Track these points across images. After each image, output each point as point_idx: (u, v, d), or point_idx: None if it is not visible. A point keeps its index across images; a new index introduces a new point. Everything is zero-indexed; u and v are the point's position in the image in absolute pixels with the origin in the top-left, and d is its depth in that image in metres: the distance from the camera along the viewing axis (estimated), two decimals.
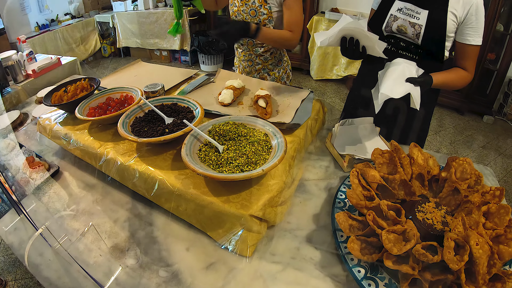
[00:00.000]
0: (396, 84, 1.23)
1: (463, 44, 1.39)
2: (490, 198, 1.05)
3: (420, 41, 1.43)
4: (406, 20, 1.42)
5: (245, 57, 2.02)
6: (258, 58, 1.97)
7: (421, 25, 1.39)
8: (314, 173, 1.36)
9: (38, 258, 1.07)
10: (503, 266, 0.95)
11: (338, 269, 1.00)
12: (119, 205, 1.24)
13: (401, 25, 1.44)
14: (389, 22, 1.48)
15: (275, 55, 1.97)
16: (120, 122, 1.26)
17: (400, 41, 1.50)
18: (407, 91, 1.21)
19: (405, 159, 1.16)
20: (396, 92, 1.20)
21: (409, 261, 0.88)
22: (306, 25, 4.83)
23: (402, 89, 1.21)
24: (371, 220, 0.94)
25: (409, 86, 1.23)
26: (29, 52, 2.47)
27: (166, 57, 5.92)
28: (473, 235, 0.83)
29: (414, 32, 1.42)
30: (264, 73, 2.02)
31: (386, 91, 1.20)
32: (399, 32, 1.47)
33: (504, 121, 4.17)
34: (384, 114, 1.60)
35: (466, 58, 1.41)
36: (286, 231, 1.11)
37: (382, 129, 1.54)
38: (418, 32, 1.41)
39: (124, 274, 1.01)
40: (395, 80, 1.24)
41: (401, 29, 1.45)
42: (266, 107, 1.39)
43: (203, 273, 0.99)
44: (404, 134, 1.71)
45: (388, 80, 1.24)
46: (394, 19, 1.46)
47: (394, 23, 1.46)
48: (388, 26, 1.49)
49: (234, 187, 1.06)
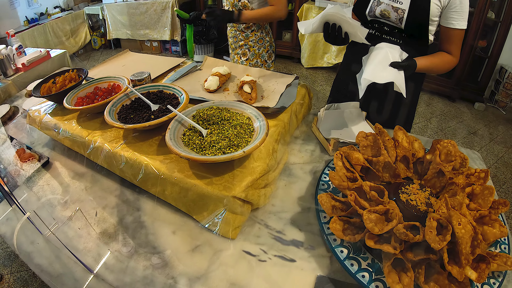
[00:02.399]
0: (379, 69, 1.24)
1: (448, 28, 1.38)
2: (475, 180, 1.06)
3: (403, 26, 1.43)
4: (389, 4, 1.42)
5: (231, 34, 2.25)
6: (241, 34, 2.18)
7: (404, 10, 1.39)
8: (299, 157, 1.37)
9: (29, 246, 1.09)
10: (489, 247, 0.96)
11: (322, 250, 1.02)
12: (108, 192, 1.26)
13: (384, 9, 1.45)
14: (372, 7, 1.49)
15: (256, 33, 2.16)
16: (106, 110, 1.27)
17: (384, 26, 1.50)
18: (391, 79, 1.21)
19: (389, 142, 1.17)
20: (379, 77, 1.21)
21: (391, 241, 0.89)
22: (297, 13, 4.81)
23: (385, 74, 1.22)
24: (353, 201, 0.95)
25: (393, 72, 1.24)
26: (18, 46, 2.46)
27: (157, 47, 5.88)
28: (456, 215, 0.84)
29: (397, 16, 1.42)
30: (245, 49, 2.21)
31: (369, 76, 1.21)
32: (382, 17, 1.47)
33: (496, 108, 4.19)
34: (371, 98, 1.62)
35: (451, 42, 1.41)
36: (271, 213, 1.13)
37: (369, 114, 1.55)
38: (401, 17, 1.41)
39: (112, 258, 1.03)
40: (377, 64, 1.25)
41: (384, 13, 1.45)
42: (251, 93, 1.40)
43: (189, 255, 1.02)
44: (390, 118, 1.71)
45: (370, 65, 1.25)
46: (377, 3, 1.46)
47: (377, 7, 1.46)
48: (371, 11, 1.49)
49: (217, 170, 1.07)
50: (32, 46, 4.34)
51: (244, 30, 2.15)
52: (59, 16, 5.42)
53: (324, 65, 4.96)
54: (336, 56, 4.79)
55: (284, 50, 5.28)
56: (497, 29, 3.89)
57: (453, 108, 4.20)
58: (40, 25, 5.02)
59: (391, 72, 1.24)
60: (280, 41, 5.30)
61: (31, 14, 5.14)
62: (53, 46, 5.05)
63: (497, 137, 3.67)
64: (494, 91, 4.21)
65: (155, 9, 5.37)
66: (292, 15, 4.94)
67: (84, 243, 1.08)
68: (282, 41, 5.30)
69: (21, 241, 1.11)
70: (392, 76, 1.22)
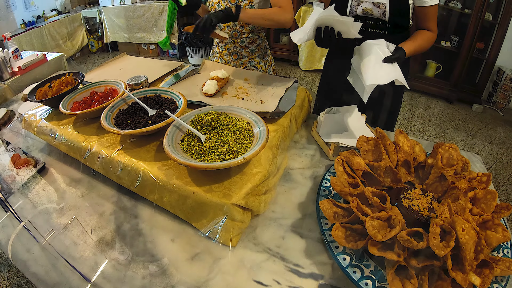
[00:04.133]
0: (377, 70, 1.24)
1: (422, 7, 1.43)
2: (477, 184, 1.04)
3: (387, 18, 1.46)
4: (370, 2, 1.45)
5: (229, 51, 1.92)
6: (244, 50, 1.89)
7: (385, 4, 1.42)
8: (299, 162, 1.36)
9: (25, 254, 1.07)
10: (491, 252, 0.95)
11: (323, 257, 1.00)
12: (104, 199, 1.23)
13: (366, 8, 1.47)
14: (352, 7, 1.50)
15: (261, 47, 1.92)
16: (103, 115, 1.25)
17: (368, 20, 1.51)
18: (393, 77, 1.22)
19: (391, 146, 1.15)
20: (381, 78, 1.21)
21: (394, 248, 0.87)
22: (294, 16, 4.81)
23: (385, 73, 1.23)
24: (355, 207, 0.94)
25: (391, 68, 1.25)
26: (14, 50, 2.43)
27: (154, 51, 5.87)
28: (459, 220, 0.82)
29: (380, 11, 1.44)
30: (250, 66, 1.94)
31: (371, 80, 1.21)
32: (364, 15, 1.49)
33: (493, 110, 4.20)
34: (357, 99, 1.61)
35: (428, 19, 1.46)
36: (271, 220, 1.11)
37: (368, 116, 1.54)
38: (384, 11, 1.44)
39: (110, 267, 1.00)
40: (374, 66, 1.25)
41: (367, 11, 1.47)
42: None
43: (188, 263, 0.99)
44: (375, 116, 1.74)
45: (368, 68, 1.25)
46: (357, 3, 1.48)
47: (358, 7, 1.48)
48: (352, 11, 1.51)
49: (217, 177, 1.06)
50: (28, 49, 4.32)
51: (248, 45, 1.88)
52: (56, 19, 5.41)
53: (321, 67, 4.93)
54: None
55: (281, 53, 5.28)
56: (495, 30, 3.91)
57: (451, 110, 4.21)
58: (37, 28, 5.01)
59: (389, 70, 1.25)
60: (277, 44, 5.30)
61: (28, 17, 5.13)
62: (50, 49, 5.03)
63: (495, 139, 3.67)
64: (492, 93, 4.22)
65: (152, 12, 5.36)
66: None
67: (80, 251, 1.06)
68: (280, 44, 5.30)
69: (17, 249, 1.09)
70: (393, 74, 1.24)
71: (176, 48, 5.66)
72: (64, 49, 5.38)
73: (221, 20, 1.49)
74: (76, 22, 5.72)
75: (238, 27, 1.79)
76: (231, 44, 1.90)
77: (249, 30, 1.81)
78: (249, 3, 1.70)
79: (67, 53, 5.41)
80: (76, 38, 5.76)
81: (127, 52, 2.40)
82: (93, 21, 5.97)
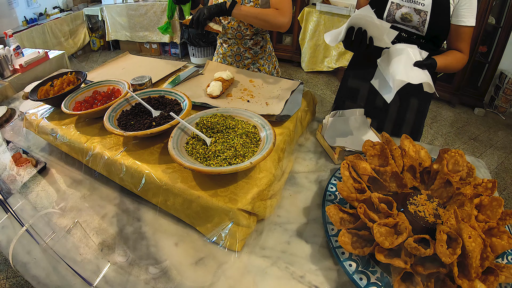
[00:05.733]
0: (408, 69, 1.20)
1: (458, 26, 1.37)
2: (483, 190, 1.04)
3: (425, 28, 1.40)
4: (411, 7, 1.38)
5: (232, 52, 1.90)
6: (248, 52, 1.87)
7: (426, 12, 1.36)
8: (304, 166, 1.34)
9: (25, 257, 1.05)
10: (496, 258, 0.94)
11: (329, 263, 0.99)
12: (106, 201, 1.22)
13: (405, 13, 1.40)
14: (391, 11, 1.43)
15: (265, 48, 1.90)
16: (106, 116, 1.23)
17: (402, 32, 1.46)
18: (424, 78, 1.17)
19: (397, 151, 1.15)
20: (412, 77, 1.16)
21: (401, 254, 0.87)
22: (297, 17, 4.80)
23: (416, 74, 1.18)
24: (363, 213, 0.93)
25: (422, 72, 1.20)
26: (16, 47, 2.42)
27: (156, 50, 5.86)
28: (466, 228, 0.82)
29: (420, 19, 1.38)
30: (254, 68, 1.92)
31: (402, 76, 1.16)
32: (402, 21, 1.43)
33: (495, 114, 4.19)
34: (379, 106, 1.59)
35: (461, 39, 1.40)
36: (276, 224, 1.10)
37: (374, 121, 1.52)
38: (424, 19, 1.38)
39: (112, 271, 0.99)
40: (406, 65, 1.20)
41: (406, 17, 1.41)
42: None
43: (192, 268, 0.98)
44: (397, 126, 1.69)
45: (398, 67, 1.20)
46: (397, 7, 1.41)
47: (397, 11, 1.42)
48: (390, 15, 1.44)
49: (222, 181, 1.04)
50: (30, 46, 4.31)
51: (252, 47, 1.86)
52: (58, 16, 5.39)
53: (324, 69, 4.95)
54: (337, 61, 4.78)
55: (284, 54, 5.27)
56: (498, 34, 3.90)
57: (453, 113, 4.20)
58: (38, 25, 4.99)
59: (419, 72, 1.20)
60: (280, 45, 5.29)
61: (30, 14, 5.11)
62: (51, 46, 5.01)
63: (497, 143, 3.67)
64: (494, 97, 4.21)
65: (155, 11, 5.35)
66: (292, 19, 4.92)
67: (82, 254, 1.04)
68: (283, 45, 5.29)
69: (17, 251, 1.07)
70: (424, 76, 1.19)
71: (178, 48, 5.65)
72: (66, 47, 5.36)
73: (214, 14, 1.49)
74: (78, 20, 5.70)
75: (242, 29, 1.77)
76: (234, 45, 1.87)
77: (253, 32, 1.79)
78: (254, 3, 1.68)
79: (69, 51, 5.39)
80: (78, 36, 5.74)
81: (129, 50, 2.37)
82: (95, 19, 5.95)
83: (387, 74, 1.24)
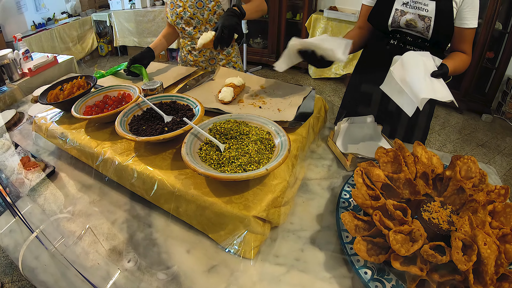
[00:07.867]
0: (428, 84, 1.18)
1: (461, 28, 1.39)
2: (495, 197, 1.03)
3: (430, 34, 1.41)
4: (415, 14, 1.40)
5: (205, 57, 2.00)
6: (221, 53, 1.99)
7: (430, 17, 1.38)
8: (316, 172, 1.33)
9: (34, 262, 1.04)
10: (509, 265, 0.93)
11: (343, 270, 0.97)
12: (117, 206, 1.21)
13: (410, 19, 1.42)
14: (395, 17, 1.46)
15: (235, 46, 2.04)
16: (117, 121, 1.22)
17: (407, 36, 1.48)
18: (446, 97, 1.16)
19: (409, 158, 1.14)
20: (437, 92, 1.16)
21: (416, 262, 0.86)
22: (305, 23, 4.80)
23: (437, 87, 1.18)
24: (378, 220, 0.92)
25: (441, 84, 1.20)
26: (25, 51, 2.43)
27: (164, 55, 5.89)
28: (481, 234, 0.82)
29: (424, 25, 1.40)
30: (229, 67, 2.02)
31: (427, 94, 1.14)
32: (407, 27, 1.45)
33: (503, 120, 4.16)
34: (386, 111, 1.58)
35: (465, 41, 1.42)
36: (290, 232, 1.09)
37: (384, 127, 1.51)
38: (428, 25, 1.39)
39: (122, 277, 0.98)
40: (425, 79, 1.19)
41: (411, 23, 1.42)
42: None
43: (204, 276, 0.96)
44: (406, 131, 1.69)
45: (419, 82, 1.18)
46: (401, 13, 1.43)
47: (402, 17, 1.44)
48: (394, 22, 1.46)
49: (236, 188, 1.03)
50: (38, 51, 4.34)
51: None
52: (67, 21, 5.45)
53: (332, 76, 4.94)
54: (344, 67, 4.77)
55: None
56: (505, 40, 3.88)
57: (460, 120, 4.18)
58: (47, 30, 5.04)
59: (439, 84, 1.20)
60: None
61: (38, 19, 5.16)
62: (59, 51, 5.05)
63: (505, 149, 3.64)
64: (501, 103, 4.18)
65: (163, 17, 5.39)
66: (300, 25, 4.94)
67: (92, 260, 1.03)
68: None
69: (25, 255, 1.06)
70: (445, 90, 1.19)
71: None
72: (74, 52, 5.41)
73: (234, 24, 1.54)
74: (86, 25, 5.75)
75: None
76: (206, 51, 1.98)
77: None
78: (216, 3, 1.78)
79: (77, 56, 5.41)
80: (86, 41, 5.78)
81: None
82: (103, 25, 6.00)
83: (406, 87, 1.20)
